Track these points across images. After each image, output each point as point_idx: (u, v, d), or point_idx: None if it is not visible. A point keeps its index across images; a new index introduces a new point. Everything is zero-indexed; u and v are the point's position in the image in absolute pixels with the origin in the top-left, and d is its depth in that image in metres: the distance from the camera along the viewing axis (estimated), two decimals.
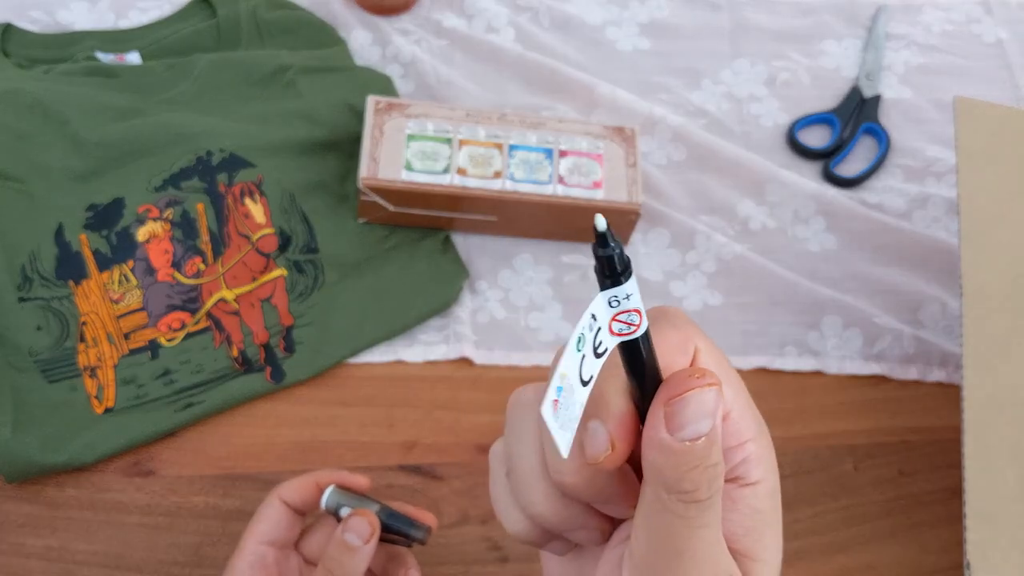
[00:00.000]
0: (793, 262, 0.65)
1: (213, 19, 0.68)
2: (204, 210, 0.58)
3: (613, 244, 0.25)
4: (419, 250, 0.61)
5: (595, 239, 0.24)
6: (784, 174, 0.67)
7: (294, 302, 0.58)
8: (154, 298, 0.56)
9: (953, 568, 0.54)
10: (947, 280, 0.65)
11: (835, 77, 0.75)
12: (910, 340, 0.62)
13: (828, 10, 0.78)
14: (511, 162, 0.60)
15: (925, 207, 0.68)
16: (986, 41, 0.78)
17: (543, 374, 0.59)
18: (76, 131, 0.59)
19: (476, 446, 0.55)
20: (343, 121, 0.63)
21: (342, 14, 0.71)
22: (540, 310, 0.61)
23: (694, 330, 0.28)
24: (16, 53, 0.64)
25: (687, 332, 0.28)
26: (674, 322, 0.28)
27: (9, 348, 0.53)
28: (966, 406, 0.46)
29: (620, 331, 0.26)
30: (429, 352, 0.58)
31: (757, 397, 0.28)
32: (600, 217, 0.24)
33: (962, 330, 0.48)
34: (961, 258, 0.50)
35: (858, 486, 0.57)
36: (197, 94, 0.63)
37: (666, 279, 0.63)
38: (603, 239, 0.24)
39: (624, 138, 0.62)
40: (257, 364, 0.56)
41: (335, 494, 0.46)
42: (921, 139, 0.72)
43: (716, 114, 0.71)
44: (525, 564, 0.52)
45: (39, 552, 0.50)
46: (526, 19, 0.74)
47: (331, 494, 0.46)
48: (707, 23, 0.76)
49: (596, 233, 0.24)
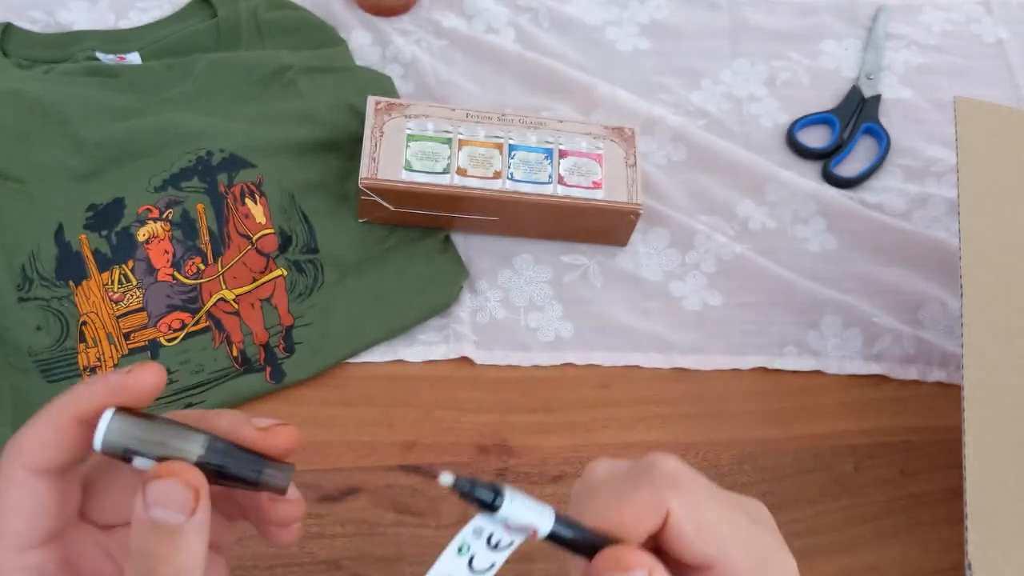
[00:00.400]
0: (793, 262, 0.65)
1: (213, 19, 0.68)
2: (204, 210, 0.58)
3: (469, 488, 0.28)
4: (419, 250, 0.61)
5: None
6: (784, 174, 0.67)
7: (294, 302, 0.58)
8: (154, 298, 0.56)
9: (954, 568, 0.54)
10: (947, 280, 0.65)
11: (835, 77, 0.75)
12: (910, 340, 0.62)
13: (828, 10, 0.78)
14: (511, 162, 0.60)
15: (925, 207, 0.68)
16: (986, 41, 0.78)
17: (543, 374, 0.60)
18: (76, 131, 0.59)
19: (476, 446, 0.55)
20: (343, 121, 0.63)
21: (342, 14, 0.71)
22: (540, 310, 0.61)
23: (672, 491, 0.29)
24: (16, 53, 0.64)
25: (662, 494, 0.29)
26: (653, 482, 0.29)
27: (9, 348, 0.53)
28: (966, 406, 0.46)
29: (509, 544, 0.29)
30: (429, 352, 0.58)
31: (757, 397, 0.29)
32: (445, 475, 0.28)
33: (962, 330, 0.48)
34: (961, 258, 0.50)
35: (859, 486, 0.57)
36: (197, 94, 0.63)
37: (666, 279, 0.63)
38: (462, 494, 0.28)
39: (624, 138, 0.62)
40: (257, 364, 0.56)
41: (119, 427, 0.28)
42: (921, 139, 0.71)
43: (716, 114, 0.71)
44: (524, 564, 0.52)
45: None
46: (526, 19, 0.74)
47: (112, 428, 0.28)
48: (707, 23, 0.76)
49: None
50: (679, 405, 0.58)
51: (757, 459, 0.57)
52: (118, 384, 0.29)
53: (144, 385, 0.29)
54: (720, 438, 0.57)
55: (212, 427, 0.30)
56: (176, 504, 0.27)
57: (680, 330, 0.61)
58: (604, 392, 0.58)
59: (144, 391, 0.29)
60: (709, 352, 0.60)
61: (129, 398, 0.29)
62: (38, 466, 0.29)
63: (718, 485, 0.31)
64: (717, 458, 0.56)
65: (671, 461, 0.30)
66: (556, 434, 0.56)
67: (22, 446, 0.29)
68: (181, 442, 0.28)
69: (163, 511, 0.27)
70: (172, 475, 0.27)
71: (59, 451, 0.29)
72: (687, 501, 0.29)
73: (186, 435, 0.29)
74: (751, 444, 0.57)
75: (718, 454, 0.57)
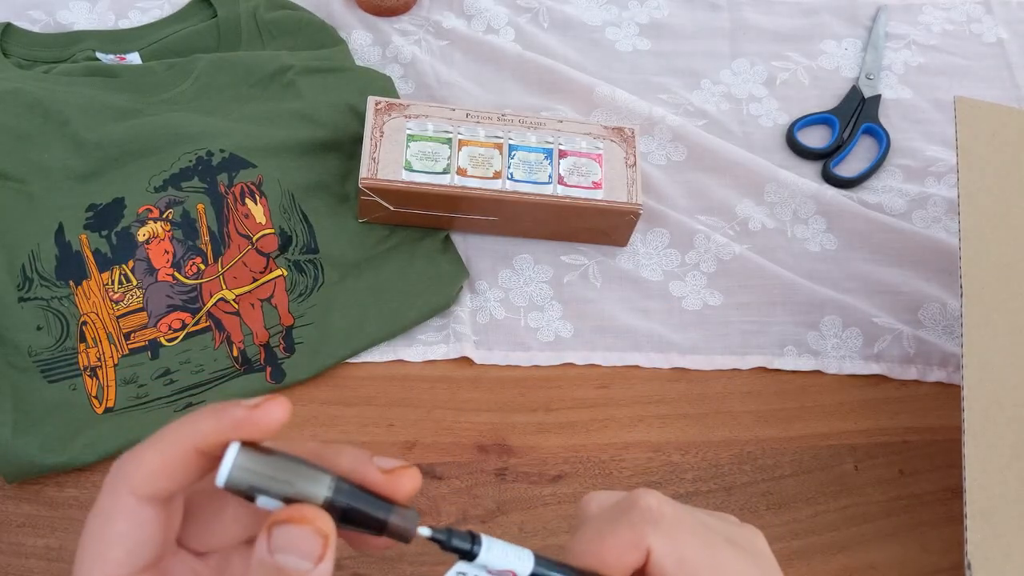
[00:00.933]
0: (793, 262, 0.65)
1: (213, 19, 0.68)
2: (204, 210, 0.59)
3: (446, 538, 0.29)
4: (419, 250, 0.61)
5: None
6: (784, 174, 0.67)
7: (294, 302, 0.58)
8: (154, 298, 0.56)
9: (954, 568, 0.54)
10: (947, 280, 0.65)
11: (835, 77, 0.75)
12: (910, 340, 0.62)
13: (828, 10, 0.78)
14: (511, 162, 0.60)
15: (925, 207, 0.68)
16: (986, 41, 0.78)
17: (543, 374, 0.60)
18: (76, 131, 0.59)
19: (476, 446, 0.55)
20: (343, 121, 0.63)
21: (342, 15, 0.71)
22: (540, 310, 0.61)
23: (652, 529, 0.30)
24: (16, 53, 0.64)
25: (641, 532, 0.30)
26: (632, 520, 0.30)
27: (9, 348, 0.53)
28: (966, 406, 0.46)
29: None
30: (429, 352, 0.58)
31: (757, 397, 0.29)
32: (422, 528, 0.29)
33: (962, 330, 0.48)
34: (961, 258, 0.50)
35: (858, 486, 0.57)
36: (197, 94, 0.63)
37: (666, 279, 0.63)
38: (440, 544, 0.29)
39: (624, 138, 0.62)
40: (257, 364, 0.56)
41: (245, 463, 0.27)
42: (921, 139, 0.71)
43: (716, 114, 0.71)
44: None
45: (39, 552, 0.50)
46: (526, 19, 0.74)
47: (238, 465, 0.27)
48: (707, 23, 0.76)
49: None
50: (678, 405, 0.58)
51: (757, 459, 0.57)
52: (244, 419, 0.27)
53: (272, 420, 0.27)
54: (719, 438, 0.57)
55: (333, 464, 0.29)
56: (304, 551, 0.26)
57: (680, 330, 0.61)
58: (604, 392, 0.58)
59: (271, 427, 0.27)
60: (709, 352, 0.60)
61: (255, 433, 0.27)
62: (147, 494, 0.28)
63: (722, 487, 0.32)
64: (716, 458, 0.57)
65: (652, 498, 0.31)
66: (556, 434, 0.56)
67: (131, 472, 0.28)
68: (307, 483, 0.27)
69: (291, 557, 0.26)
70: (305, 521, 0.26)
71: (171, 480, 0.28)
72: (667, 539, 0.30)
73: (312, 475, 0.27)
74: (750, 444, 0.57)
75: (717, 454, 0.57)
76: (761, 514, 0.55)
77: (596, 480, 0.55)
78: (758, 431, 0.58)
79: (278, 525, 0.26)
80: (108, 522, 0.27)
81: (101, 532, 0.28)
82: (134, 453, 0.28)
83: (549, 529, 0.53)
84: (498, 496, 0.54)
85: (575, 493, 0.54)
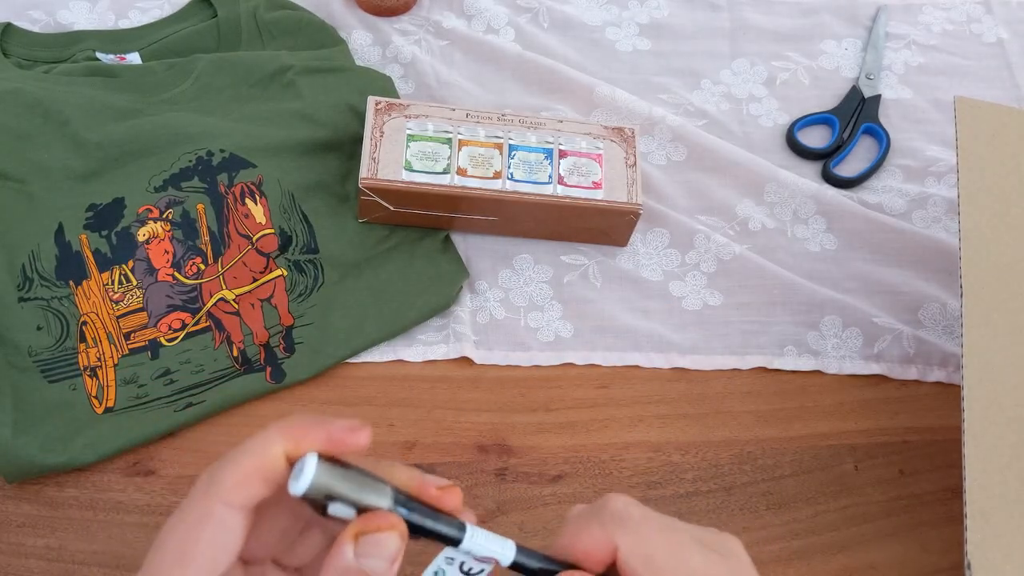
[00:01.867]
0: (793, 262, 0.65)
1: (213, 19, 0.68)
2: (204, 210, 0.59)
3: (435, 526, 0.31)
4: (419, 250, 0.61)
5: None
6: (784, 174, 0.67)
7: (294, 302, 0.58)
8: (154, 298, 0.56)
9: (954, 568, 0.54)
10: (947, 280, 0.65)
11: (835, 77, 0.75)
12: (910, 340, 0.62)
13: (828, 10, 0.78)
14: (511, 162, 0.60)
15: (925, 207, 0.68)
16: (986, 41, 0.78)
17: (543, 374, 0.60)
18: (76, 131, 0.59)
19: (476, 446, 0.55)
20: (343, 121, 0.63)
21: (342, 15, 0.71)
22: (540, 310, 0.61)
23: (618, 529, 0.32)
24: (16, 53, 0.64)
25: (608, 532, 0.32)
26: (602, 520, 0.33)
27: (9, 348, 0.53)
28: (966, 406, 0.46)
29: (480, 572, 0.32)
30: (429, 352, 0.58)
31: (757, 397, 0.29)
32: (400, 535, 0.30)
33: (962, 330, 0.48)
34: (961, 258, 0.50)
35: (858, 486, 0.57)
36: (197, 94, 0.63)
37: (666, 279, 0.63)
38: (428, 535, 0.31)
39: (624, 138, 0.62)
40: (257, 364, 0.56)
41: (322, 474, 0.29)
42: (921, 139, 0.71)
43: (716, 114, 0.71)
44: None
45: (39, 552, 0.50)
46: (526, 19, 0.74)
47: (316, 474, 0.28)
48: (707, 23, 0.76)
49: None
50: (678, 405, 0.58)
51: (756, 459, 0.57)
52: (338, 438, 0.29)
53: (361, 446, 0.30)
54: (719, 438, 0.57)
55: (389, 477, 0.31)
56: (387, 554, 0.29)
57: (680, 330, 0.61)
58: (604, 392, 0.58)
59: (358, 450, 0.30)
60: (709, 352, 0.60)
61: (346, 449, 0.30)
62: (239, 500, 0.29)
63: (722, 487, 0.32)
64: (716, 458, 0.57)
65: (620, 501, 0.34)
66: (556, 434, 0.56)
67: (225, 477, 0.29)
68: (373, 492, 0.30)
69: (375, 561, 0.29)
70: (391, 528, 0.29)
71: (264, 488, 0.29)
72: (633, 537, 0.32)
73: (376, 486, 0.30)
74: (750, 444, 0.57)
75: (717, 454, 0.57)
76: (761, 514, 0.55)
77: (596, 480, 0.55)
78: (758, 431, 0.58)
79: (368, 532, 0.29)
80: (197, 527, 0.28)
81: (187, 537, 0.28)
82: (228, 459, 0.29)
83: (549, 529, 0.53)
84: (498, 496, 0.54)
85: (575, 493, 0.54)
